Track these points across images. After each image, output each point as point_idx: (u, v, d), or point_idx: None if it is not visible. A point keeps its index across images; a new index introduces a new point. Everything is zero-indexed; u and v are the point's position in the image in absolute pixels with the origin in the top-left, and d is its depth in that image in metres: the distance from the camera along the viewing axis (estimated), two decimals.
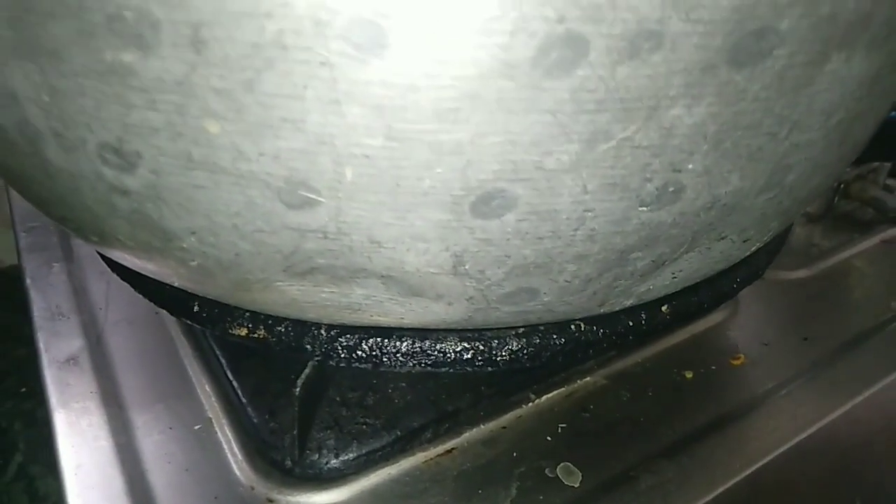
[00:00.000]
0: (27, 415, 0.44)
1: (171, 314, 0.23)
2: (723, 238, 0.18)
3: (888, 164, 0.40)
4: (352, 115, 0.12)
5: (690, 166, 0.14)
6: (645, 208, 0.15)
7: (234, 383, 0.24)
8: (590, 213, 0.15)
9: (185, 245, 0.16)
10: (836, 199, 0.39)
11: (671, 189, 0.15)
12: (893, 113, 0.21)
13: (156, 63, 0.12)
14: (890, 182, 0.41)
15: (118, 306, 0.29)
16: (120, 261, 0.20)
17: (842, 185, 0.39)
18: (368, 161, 0.13)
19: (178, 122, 0.13)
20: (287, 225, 0.15)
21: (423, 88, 0.12)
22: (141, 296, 0.24)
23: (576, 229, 0.15)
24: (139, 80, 0.13)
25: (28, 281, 0.30)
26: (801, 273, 0.33)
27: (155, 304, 0.22)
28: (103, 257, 0.24)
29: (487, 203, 0.14)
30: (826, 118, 0.15)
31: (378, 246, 0.15)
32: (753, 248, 0.20)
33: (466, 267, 0.15)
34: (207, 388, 0.25)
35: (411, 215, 0.14)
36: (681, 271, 0.19)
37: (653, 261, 0.17)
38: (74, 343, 0.27)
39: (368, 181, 0.14)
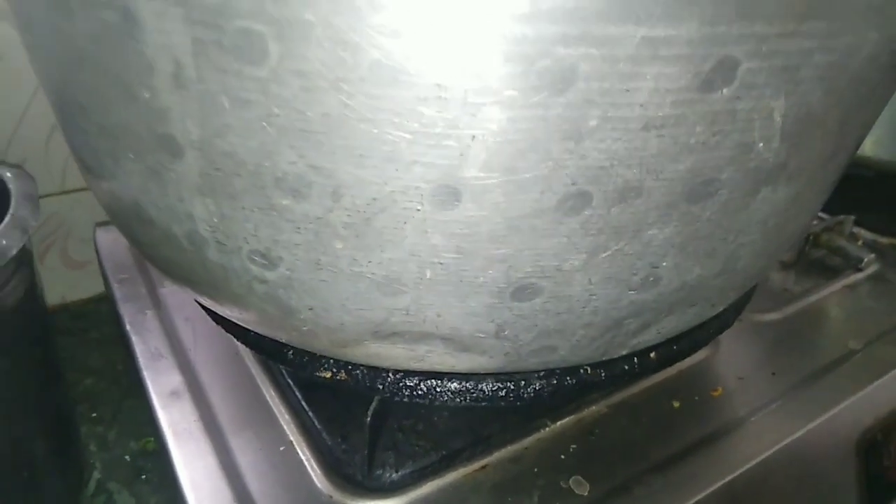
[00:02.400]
0: (100, 437, 0.50)
1: (269, 359, 0.29)
2: (693, 305, 0.24)
3: (852, 217, 0.46)
4: (434, 239, 0.19)
5: (664, 264, 0.21)
6: (633, 292, 0.21)
7: (310, 413, 0.30)
8: (594, 297, 0.21)
9: (302, 317, 0.22)
10: (808, 248, 0.45)
11: (651, 279, 0.21)
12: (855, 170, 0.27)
13: (305, 205, 0.19)
14: (856, 231, 0.47)
15: (204, 348, 0.35)
16: (235, 321, 0.26)
17: (811, 236, 0.45)
18: (442, 267, 0.19)
19: (314, 241, 0.19)
20: (381, 306, 0.21)
21: (482, 223, 0.18)
22: (232, 339, 0.30)
23: (584, 307, 0.21)
24: (291, 215, 0.19)
25: (128, 327, 0.36)
26: (774, 315, 0.39)
27: (256, 351, 0.29)
28: (208, 311, 0.30)
29: (522, 292, 0.20)
30: (762, 225, 0.22)
31: (443, 320, 0.21)
32: (720, 310, 0.27)
33: (505, 333, 0.22)
34: (287, 416, 0.31)
35: (469, 300, 0.20)
36: (663, 329, 0.25)
37: (641, 324, 0.23)
38: (174, 379, 0.33)
39: (441, 279, 0.20)
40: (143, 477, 0.47)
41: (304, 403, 0.31)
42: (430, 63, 0.15)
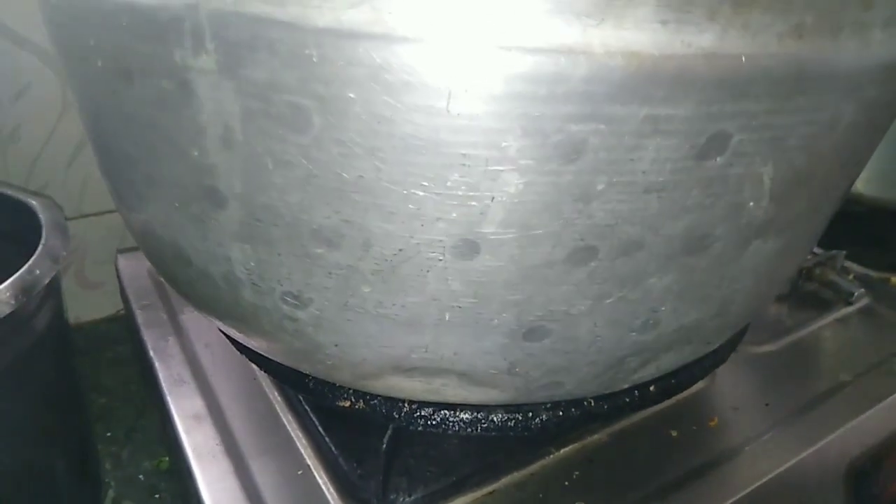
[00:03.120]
0: (114, 456, 0.51)
1: (290, 387, 0.31)
2: (690, 343, 0.26)
3: (844, 252, 0.48)
4: (454, 285, 0.20)
5: (663, 309, 0.22)
6: (634, 334, 0.23)
7: (327, 438, 0.32)
8: (598, 338, 0.23)
9: (328, 352, 0.24)
10: (801, 281, 0.47)
11: (651, 322, 0.23)
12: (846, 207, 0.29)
13: (337, 254, 0.20)
14: (848, 265, 0.49)
15: (223, 373, 0.37)
16: (261, 352, 0.28)
17: (804, 270, 0.46)
18: (460, 310, 0.21)
19: (343, 285, 0.21)
20: (402, 344, 0.23)
21: (498, 272, 0.20)
22: (250, 364, 0.32)
23: (589, 347, 0.23)
24: (324, 262, 0.21)
25: (151, 353, 0.38)
26: (768, 347, 0.41)
27: (277, 379, 0.30)
28: (232, 339, 0.31)
29: (533, 333, 0.22)
30: (754, 272, 0.23)
31: (459, 357, 0.23)
32: (716, 346, 0.28)
33: (517, 370, 0.23)
34: (304, 441, 0.33)
35: (483, 340, 0.22)
36: (662, 364, 0.27)
37: (641, 362, 0.25)
38: (196, 403, 0.35)
39: (459, 321, 0.21)
40: (157, 496, 0.48)
41: (321, 429, 0.32)
42: (457, 136, 0.17)
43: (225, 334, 0.31)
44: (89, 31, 0.20)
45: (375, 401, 0.28)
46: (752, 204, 0.20)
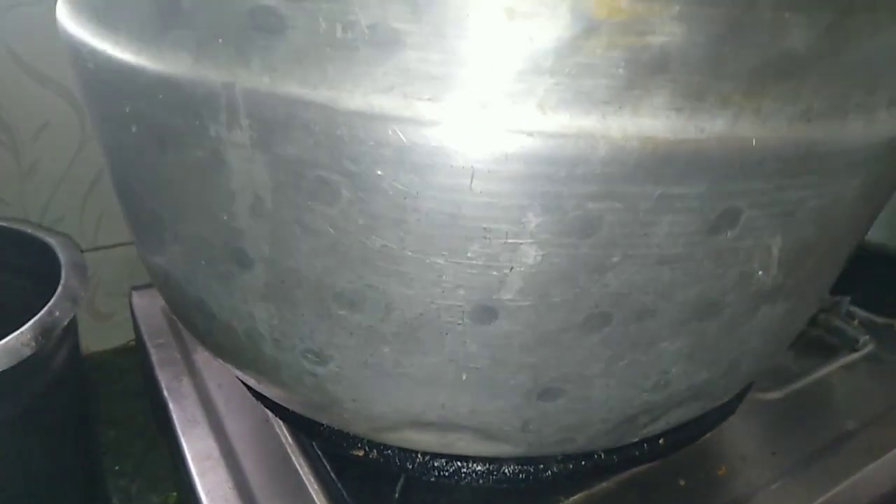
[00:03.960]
0: (123, 491, 0.51)
1: (304, 435, 0.31)
2: (699, 399, 0.26)
3: (848, 297, 0.48)
4: (471, 348, 0.21)
5: (674, 370, 0.23)
6: (646, 393, 0.23)
7: (339, 484, 0.32)
8: (611, 398, 0.23)
9: (345, 406, 0.24)
10: (807, 327, 0.47)
11: (662, 383, 0.23)
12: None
13: (358, 316, 0.21)
14: (853, 310, 0.50)
15: (237, 415, 0.37)
16: (277, 401, 0.29)
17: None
18: (477, 371, 0.22)
19: (364, 344, 0.22)
20: (419, 401, 0.23)
21: (514, 336, 0.21)
22: (264, 407, 0.32)
23: (601, 406, 0.23)
24: (345, 323, 0.21)
25: (165, 393, 0.38)
26: (775, 395, 0.41)
27: (291, 426, 0.31)
28: (247, 385, 0.32)
29: (547, 394, 0.22)
30: (763, 334, 0.24)
31: (475, 414, 0.23)
32: (724, 401, 0.29)
33: (531, 427, 0.24)
34: (316, 486, 0.33)
35: (499, 399, 0.23)
36: (671, 419, 0.27)
37: (652, 418, 0.26)
38: (209, 445, 0.35)
39: (475, 380, 0.22)
40: None
41: (333, 475, 0.33)
42: (479, 211, 0.18)
43: (241, 380, 0.31)
44: (125, 99, 0.21)
45: (389, 451, 0.28)
46: (761, 273, 0.21)
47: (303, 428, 0.30)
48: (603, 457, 0.28)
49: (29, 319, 0.36)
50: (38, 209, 0.58)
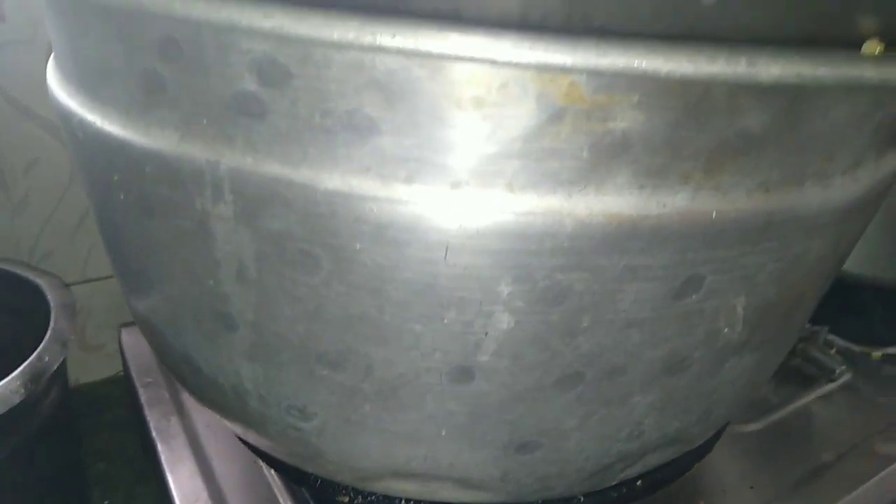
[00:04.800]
0: None
1: (290, 481, 0.32)
2: (674, 444, 0.27)
3: (826, 327, 0.49)
4: (450, 405, 0.22)
5: (647, 421, 0.24)
6: (620, 444, 0.24)
7: None
8: (586, 449, 0.24)
9: (329, 458, 0.25)
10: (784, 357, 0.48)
11: (636, 433, 0.24)
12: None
13: (341, 376, 0.22)
14: (831, 338, 0.51)
15: (225, 456, 0.38)
16: (264, 450, 0.29)
17: None
18: (456, 427, 0.22)
19: (346, 403, 0.22)
20: (401, 455, 0.24)
21: (491, 394, 0.21)
22: (254, 457, 0.33)
23: (577, 457, 0.24)
24: (328, 382, 0.22)
25: (154, 433, 0.39)
26: (754, 426, 0.42)
27: (278, 472, 0.31)
28: (241, 439, 0.33)
29: (524, 447, 0.23)
30: (732, 384, 0.25)
31: (455, 466, 0.24)
32: (699, 443, 0.30)
33: (509, 477, 0.25)
34: None
35: (478, 452, 0.23)
36: (648, 463, 0.28)
37: (627, 464, 0.26)
38: (198, 484, 0.36)
39: (454, 435, 0.23)
40: None
41: None
42: (453, 282, 0.19)
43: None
44: (113, 168, 0.22)
45: (374, 497, 0.29)
46: (726, 330, 0.22)
47: (289, 474, 0.31)
48: (582, 500, 0.29)
49: (16, 357, 0.37)
50: (28, 243, 0.58)
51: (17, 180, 0.56)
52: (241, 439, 0.32)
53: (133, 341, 0.47)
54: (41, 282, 0.42)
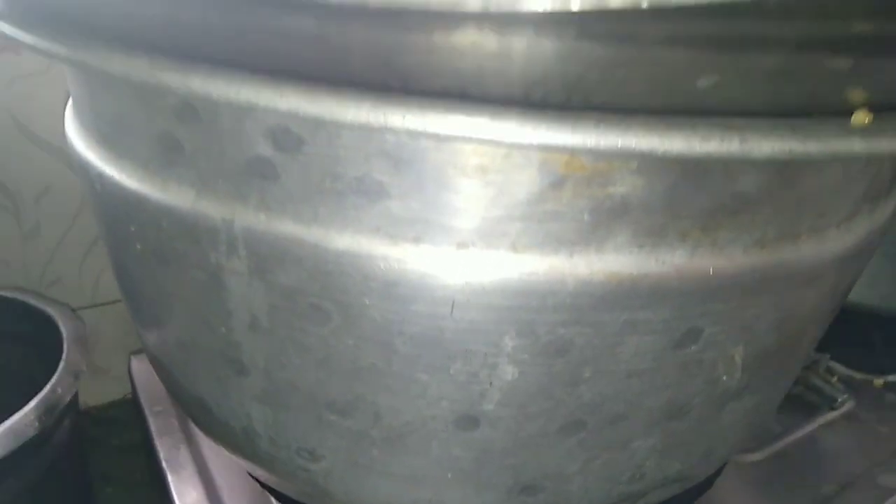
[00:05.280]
0: None
1: None
2: (676, 482, 0.28)
3: (828, 355, 0.50)
4: (455, 451, 0.22)
5: (648, 464, 0.24)
6: (622, 485, 0.25)
7: None
8: (588, 491, 0.24)
9: (337, 498, 0.26)
10: None
11: (637, 476, 0.25)
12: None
13: (349, 422, 0.22)
14: (832, 365, 0.51)
15: (234, 488, 0.38)
16: (273, 486, 0.30)
17: None
18: (461, 471, 0.23)
19: (354, 447, 0.23)
20: (407, 497, 0.24)
21: (496, 441, 0.22)
22: (263, 489, 0.33)
23: (580, 499, 0.25)
24: (337, 427, 0.23)
25: (164, 464, 0.39)
26: (756, 456, 0.42)
27: None
28: (250, 473, 0.33)
29: (528, 490, 0.24)
30: (732, 427, 0.25)
31: None
32: (700, 480, 0.30)
33: None
34: None
35: (482, 495, 0.24)
36: (650, 500, 0.28)
37: (630, 503, 0.27)
38: None
39: (460, 479, 0.23)
40: None
41: None
42: (459, 335, 0.19)
43: None
44: (130, 220, 0.22)
45: None
46: (725, 377, 0.22)
47: None
48: None
49: (27, 386, 0.37)
50: (39, 268, 0.59)
51: (29, 208, 0.57)
52: (250, 473, 0.33)
53: (143, 369, 0.48)
54: (52, 311, 0.42)
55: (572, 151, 0.15)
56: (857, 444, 0.44)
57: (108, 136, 0.22)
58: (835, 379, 0.49)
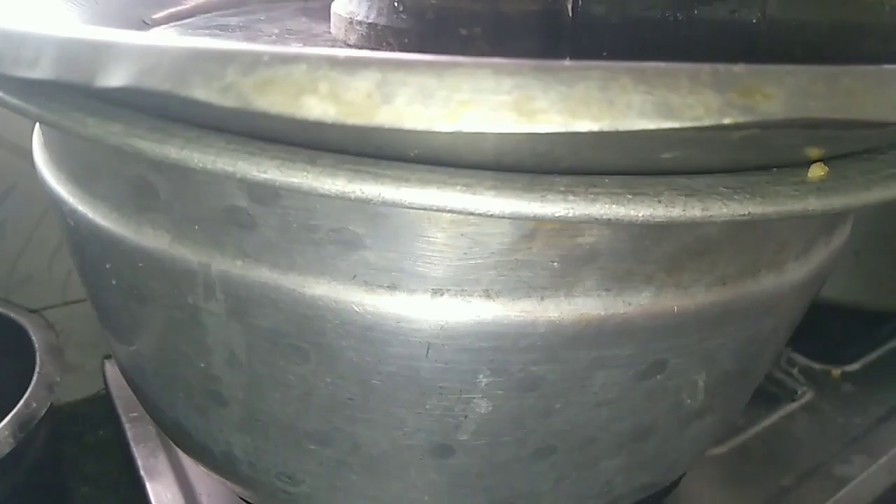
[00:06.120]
0: None
1: None
2: (643, 490, 0.29)
3: (790, 347, 0.51)
4: (432, 476, 0.23)
5: (616, 479, 0.25)
6: (591, 499, 0.26)
7: None
8: None
9: None
10: None
11: (606, 490, 0.26)
12: None
13: (328, 451, 0.23)
14: (793, 356, 0.53)
15: (214, 494, 0.39)
16: (251, 501, 0.30)
17: None
18: (439, 493, 0.24)
19: (333, 473, 0.24)
20: None
21: (471, 466, 0.23)
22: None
23: None
24: (316, 455, 0.23)
25: (142, 472, 0.40)
26: (719, 450, 0.44)
27: None
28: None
29: None
30: (697, 440, 0.27)
31: None
32: (666, 485, 0.31)
33: None
34: None
35: None
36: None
37: None
38: None
39: (438, 500, 0.24)
40: None
41: None
42: (434, 374, 0.20)
43: None
44: (105, 258, 0.23)
45: None
46: (689, 401, 0.24)
47: None
48: None
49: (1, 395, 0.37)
50: (6, 267, 0.58)
51: None
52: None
53: (117, 374, 0.48)
54: (25, 322, 0.42)
55: (542, 220, 0.15)
56: (816, 435, 0.46)
57: (79, 175, 0.22)
58: (795, 370, 0.51)
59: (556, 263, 0.18)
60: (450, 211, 0.15)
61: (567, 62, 0.10)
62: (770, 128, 0.11)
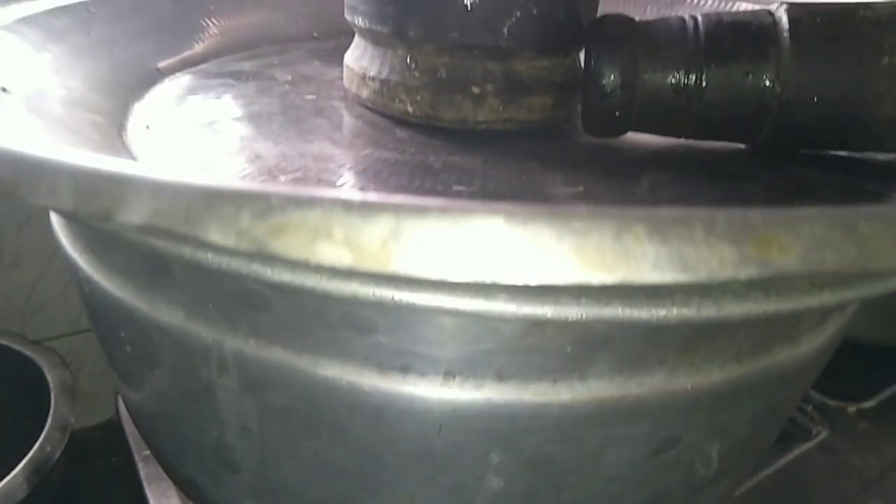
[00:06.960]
0: None
1: None
2: None
3: None
4: None
5: None
6: None
7: None
8: None
9: None
10: None
11: None
12: None
13: (325, 487, 0.23)
14: (809, 393, 0.52)
15: None
16: None
17: None
18: None
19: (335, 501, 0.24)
20: None
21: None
22: None
23: None
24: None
25: None
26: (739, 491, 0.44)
27: None
28: None
29: None
30: (711, 499, 0.26)
31: None
32: None
33: None
34: None
35: None
36: None
37: None
38: None
39: None
40: None
41: None
42: (447, 452, 0.20)
43: None
44: (121, 326, 0.23)
45: None
46: (703, 471, 0.23)
47: None
48: None
49: (15, 432, 0.38)
50: (22, 296, 0.59)
51: (9, 239, 0.56)
52: None
53: None
54: (40, 360, 0.42)
55: (556, 322, 0.15)
56: (830, 478, 0.45)
57: (95, 247, 0.22)
58: (810, 407, 0.51)
59: (568, 348, 0.18)
60: (463, 314, 0.15)
61: (581, 208, 0.10)
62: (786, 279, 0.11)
